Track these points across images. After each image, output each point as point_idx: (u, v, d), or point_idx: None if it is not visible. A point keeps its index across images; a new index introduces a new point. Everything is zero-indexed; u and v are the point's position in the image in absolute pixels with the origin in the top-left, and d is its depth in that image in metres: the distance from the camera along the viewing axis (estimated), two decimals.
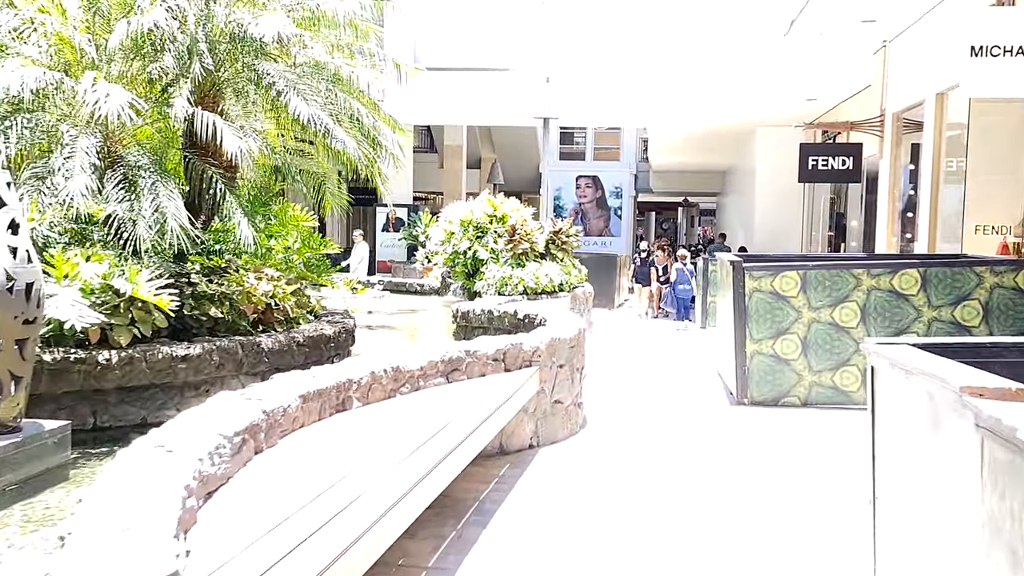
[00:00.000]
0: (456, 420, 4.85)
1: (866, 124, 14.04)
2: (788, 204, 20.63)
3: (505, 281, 12.88)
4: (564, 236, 14.11)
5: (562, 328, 6.94)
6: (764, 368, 8.12)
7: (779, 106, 17.93)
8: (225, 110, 6.64)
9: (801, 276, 8.03)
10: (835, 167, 14.22)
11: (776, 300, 8.06)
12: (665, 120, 21.45)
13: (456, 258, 13.69)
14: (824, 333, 8.04)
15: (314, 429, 4.40)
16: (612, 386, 9.24)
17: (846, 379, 8.05)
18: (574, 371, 6.98)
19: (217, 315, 5.98)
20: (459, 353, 5.76)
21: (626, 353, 12.40)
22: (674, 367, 10.90)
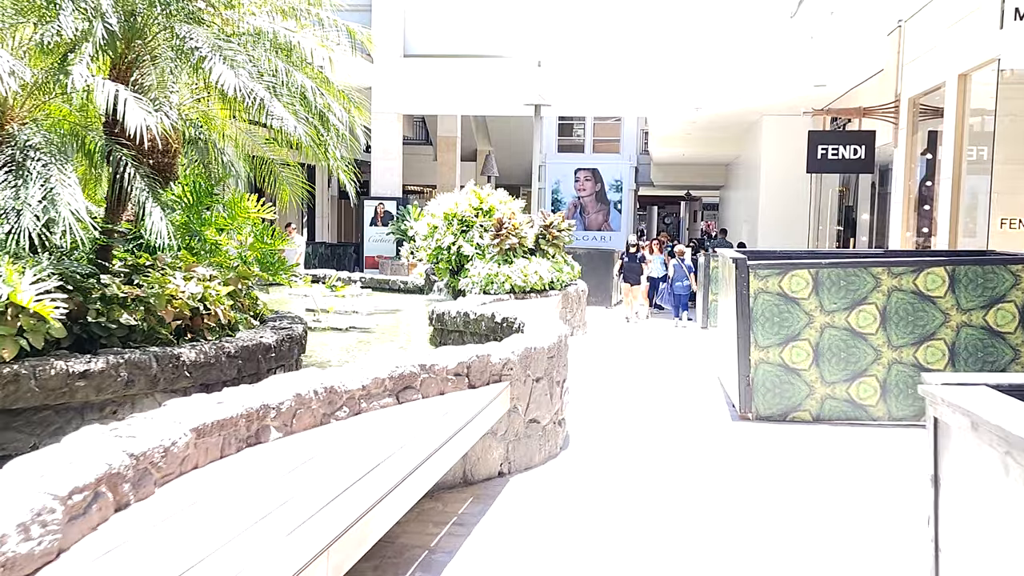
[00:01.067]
0: (402, 450, 3.98)
1: (880, 110, 13.12)
2: (794, 197, 19.70)
3: (491, 279, 12.00)
4: (555, 230, 13.20)
5: (539, 336, 6.04)
6: (771, 379, 7.22)
7: (786, 93, 17.00)
8: (140, 81, 5.73)
9: (813, 275, 7.13)
10: (846, 156, 13.29)
11: (784, 302, 7.15)
12: (665, 109, 20.51)
13: (439, 254, 12.81)
14: (839, 339, 7.13)
15: (211, 471, 3.51)
16: (601, 397, 8.34)
17: (863, 392, 7.15)
18: (553, 385, 6.08)
19: (131, 322, 5.08)
20: (412, 368, 4.87)
21: (619, 357, 11.50)
22: (671, 373, 10.00)
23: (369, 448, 3.95)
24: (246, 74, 5.31)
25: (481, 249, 12.65)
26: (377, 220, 21.49)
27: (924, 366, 7.07)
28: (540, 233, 13.24)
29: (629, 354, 11.85)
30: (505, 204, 13.19)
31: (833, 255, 9.11)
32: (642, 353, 12.06)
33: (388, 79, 20.88)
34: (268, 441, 3.94)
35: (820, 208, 19.60)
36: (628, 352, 12.07)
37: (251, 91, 5.28)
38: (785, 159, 19.63)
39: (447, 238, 12.81)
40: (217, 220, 7.50)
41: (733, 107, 19.17)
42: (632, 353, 12.00)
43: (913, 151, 12.56)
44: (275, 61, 5.91)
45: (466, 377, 5.23)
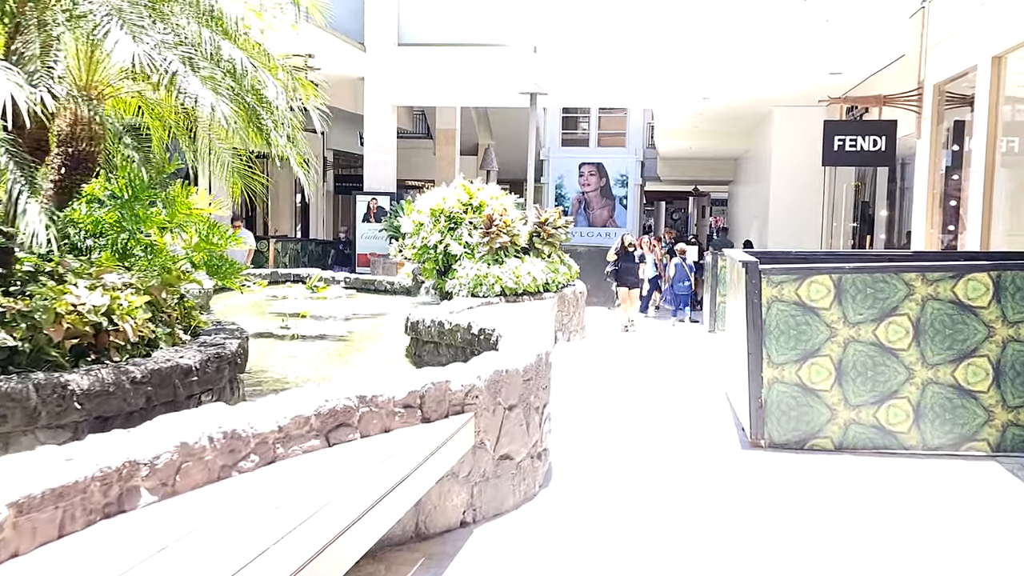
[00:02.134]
0: (326, 509, 3.08)
1: (901, 99, 12.13)
2: (806, 192, 18.69)
3: (480, 280, 11.09)
4: (551, 228, 12.26)
5: (513, 355, 5.11)
6: (787, 401, 6.27)
7: (798, 82, 15.99)
8: (22, 51, 4.79)
9: (835, 282, 6.18)
10: (864, 148, 12.30)
11: (802, 313, 6.21)
12: (670, 99, 19.51)
13: (425, 253, 11.88)
14: (865, 356, 6.19)
15: (37, 560, 2.60)
16: (592, 418, 7.42)
17: (893, 416, 6.20)
18: (531, 412, 5.16)
19: (7, 343, 4.17)
20: (346, 402, 3.95)
21: (617, 367, 10.57)
22: (674, 387, 9.07)
23: (281, 510, 3.04)
24: (155, 43, 4.39)
25: (470, 248, 11.73)
26: (370, 216, 20.58)
27: (964, 387, 6.12)
28: (534, 231, 12.31)
29: (628, 363, 10.92)
30: (496, 199, 12.25)
31: (855, 257, 8.18)
32: (642, 362, 11.15)
33: (381, 69, 19.98)
34: (137, 508, 3.02)
35: (834, 204, 18.61)
36: (627, 361, 11.15)
37: (159, 62, 4.36)
38: (797, 152, 18.63)
39: (433, 236, 11.89)
40: (155, 217, 6.58)
41: (742, 97, 18.17)
42: (632, 361, 11.08)
43: (938, 142, 11.58)
44: (201, 31, 4.99)
45: (419, 409, 4.30)
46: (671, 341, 13.30)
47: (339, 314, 11.07)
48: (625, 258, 14.36)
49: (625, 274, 14.38)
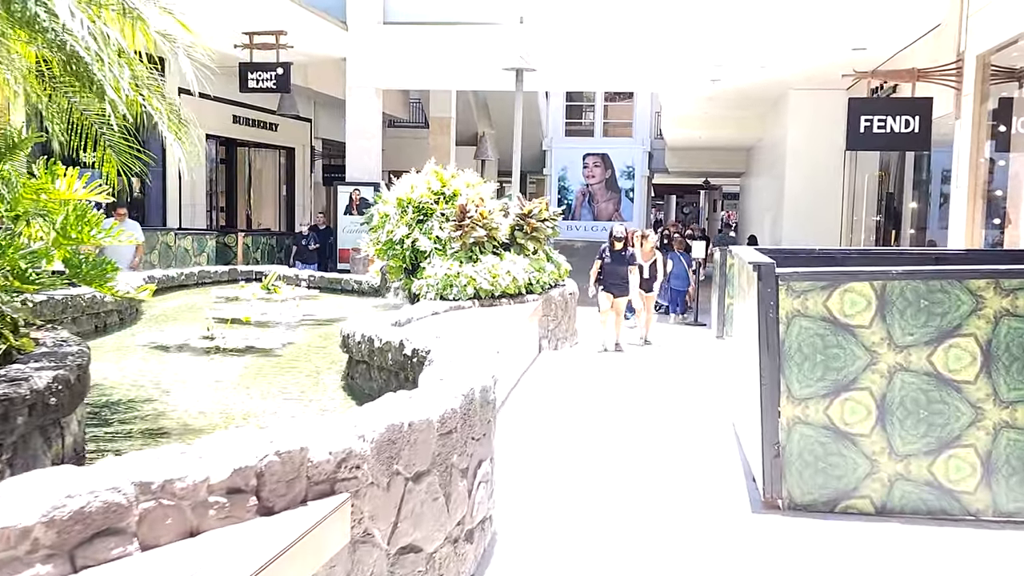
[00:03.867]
0: None
1: (937, 73, 10.55)
2: (825, 184, 17.10)
3: (449, 280, 9.58)
4: (535, 221, 10.73)
5: (426, 397, 3.59)
6: (812, 448, 4.75)
7: (816, 60, 14.40)
8: None
9: (878, 291, 4.65)
10: (895, 130, 10.72)
11: (833, 332, 4.68)
12: (676, 82, 17.95)
13: (390, 249, 10.38)
14: (917, 390, 4.66)
15: None
16: (562, 462, 5.91)
17: (955, 470, 4.67)
18: (453, 478, 3.65)
19: None
20: (112, 495, 2.44)
21: (604, 384, 9.07)
22: (670, 411, 7.56)
23: None
24: None
25: (441, 243, 10.23)
26: (352, 208, 19.07)
27: None
28: (516, 224, 10.79)
29: (618, 378, 9.41)
30: (472, 187, 10.74)
31: (892, 256, 6.63)
32: (636, 376, 9.63)
33: (365, 49, 18.48)
34: None
35: (855, 196, 17.02)
36: (618, 375, 9.63)
37: None
38: (815, 139, 17.08)
39: (399, 229, 10.39)
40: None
41: (755, 78, 16.57)
42: (623, 376, 9.56)
43: (981, 122, 10.00)
44: None
45: (253, 495, 2.79)
46: (671, 349, 11.77)
47: (289, 319, 9.59)
48: (613, 258, 11.36)
49: (611, 277, 11.33)
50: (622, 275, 11.28)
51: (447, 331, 7.66)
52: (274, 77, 16.34)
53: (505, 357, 7.80)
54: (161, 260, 14.09)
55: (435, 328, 7.80)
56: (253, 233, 18.44)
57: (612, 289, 11.26)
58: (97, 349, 7.50)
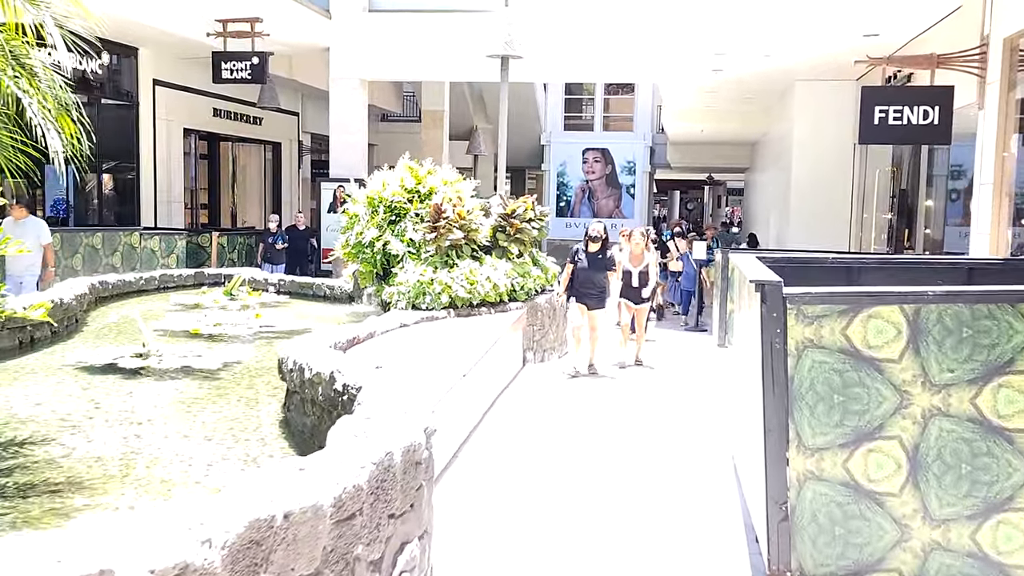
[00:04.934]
0: None
1: (959, 59, 9.63)
2: (833, 180, 16.19)
3: (422, 288, 8.69)
4: (519, 221, 9.82)
5: (314, 477, 2.69)
6: (828, 509, 3.85)
7: (824, 48, 13.46)
8: None
9: (910, 317, 3.75)
10: (912, 121, 9.80)
11: (855, 367, 3.78)
12: (675, 71, 17.01)
13: (360, 252, 9.48)
14: (959, 439, 3.76)
15: None
16: (528, 514, 5.03)
17: (1005, 539, 3.77)
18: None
19: None
20: None
21: (588, 404, 8.18)
22: (660, 438, 6.67)
23: None
24: None
25: (415, 246, 9.34)
26: (336, 205, 18.15)
27: None
28: (498, 225, 9.88)
29: (605, 396, 8.52)
30: (450, 185, 9.84)
31: (920, 265, 5.71)
32: (625, 392, 8.74)
33: (349, 38, 17.58)
34: None
35: (865, 192, 16.09)
36: (605, 392, 8.75)
37: None
38: (823, 133, 16.16)
39: (369, 231, 9.51)
40: None
41: (759, 68, 15.62)
42: (611, 393, 8.67)
43: (1009, 112, 9.08)
44: None
45: None
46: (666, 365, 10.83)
47: (245, 331, 8.70)
48: (589, 261, 9.52)
49: (585, 285, 9.50)
50: (599, 283, 9.52)
51: (407, 350, 6.79)
52: (249, 67, 15.44)
53: (476, 379, 6.92)
54: (125, 263, 13.22)
55: (397, 345, 6.94)
56: (230, 232, 17.50)
57: (586, 300, 9.51)
58: (11, 371, 6.65)
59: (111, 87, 16.97)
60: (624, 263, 10.22)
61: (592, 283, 9.52)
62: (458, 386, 6.01)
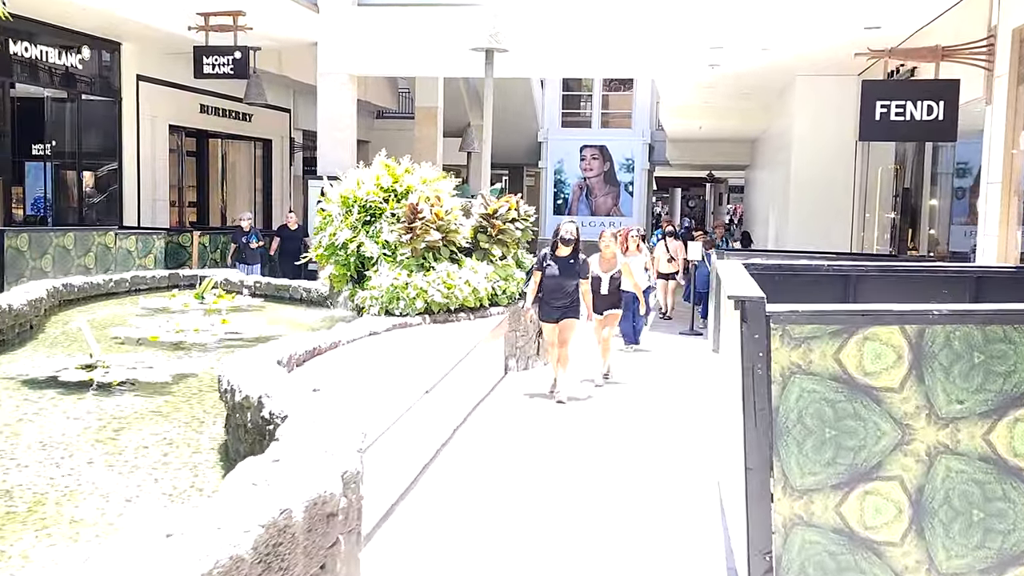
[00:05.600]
0: None
1: (965, 51, 9.12)
2: (834, 178, 15.66)
3: (396, 292, 8.19)
4: (501, 222, 9.33)
5: (177, 550, 2.20)
6: (819, 559, 3.36)
7: (824, 41, 12.96)
8: None
9: (911, 338, 3.25)
10: (916, 117, 9.28)
11: (849, 396, 3.29)
12: (669, 67, 16.49)
13: (333, 254, 9.00)
14: (969, 481, 3.27)
15: None
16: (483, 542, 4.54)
17: None
18: None
19: None
20: None
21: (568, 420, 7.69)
22: (642, 460, 6.19)
23: None
24: None
25: (391, 248, 8.85)
26: None
27: None
28: (479, 225, 9.39)
29: (587, 409, 8.02)
30: (431, 183, 9.35)
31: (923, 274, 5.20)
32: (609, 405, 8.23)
33: (337, 33, 17.07)
34: None
35: (867, 191, 15.58)
36: (586, 405, 8.25)
37: None
38: (823, 130, 15.63)
39: (343, 232, 9.02)
40: None
41: (757, 63, 15.11)
42: (593, 406, 8.17)
43: (1018, 107, 8.56)
44: None
45: None
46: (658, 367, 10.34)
47: (208, 339, 8.22)
48: (559, 267, 8.20)
49: (554, 295, 8.23)
50: (569, 292, 8.24)
51: (371, 362, 6.30)
52: (231, 62, 14.94)
53: (446, 393, 6.43)
54: (99, 264, 12.73)
55: (361, 356, 6.46)
56: (212, 231, 17.01)
57: (553, 312, 8.25)
58: None
59: (93, 82, 16.49)
60: (593, 267, 9.07)
61: (562, 292, 8.24)
62: (420, 404, 5.52)
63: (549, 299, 8.32)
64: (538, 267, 8.37)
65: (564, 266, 8.28)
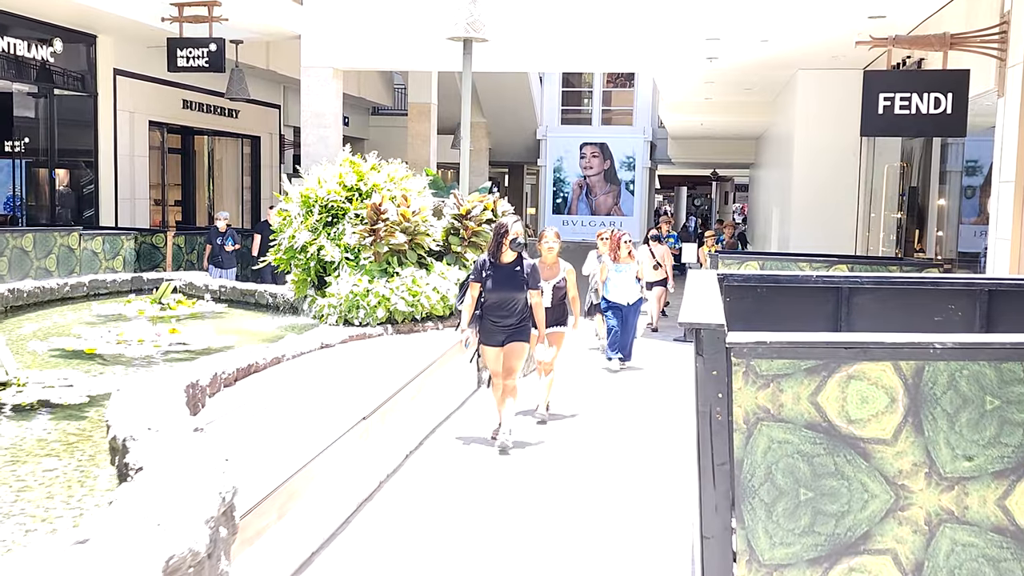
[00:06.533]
0: None
1: (976, 38, 8.42)
2: (837, 176, 14.99)
3: (356, 300, 7.54)
4: (474, 224, 8.67)
5: None
6: None
7: (827, 32, 12.27)
8: None
9: (907, 377, 2.58)
10: (922, 110, 8.60)
11: (830, 449, 2.63)
12: (664, 60, 15.82)
13: (292, 258, 8.36)
14: (979, 557, 2.60)
15: None
16: None
17: None
18: None
19: None
20: None
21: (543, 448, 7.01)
22: (601, 521, 5.50)
23: None
24: None
25: (354, 252, 8.21)
26: None
27: None
28: (451, 227, 8.74)
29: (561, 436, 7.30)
30: (398, 183, 8.70)
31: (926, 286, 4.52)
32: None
33: (322, 25, 16.42)
34: None
35: (872, 190, 14.89)
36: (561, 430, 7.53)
37: None
38: (826, 126, 14.96)
39: (302, 234, 8.38)
40: None
41: (757, 56, 14.43)
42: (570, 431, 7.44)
43: None
44: None
45: None
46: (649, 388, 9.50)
47: (151, 349, 7.59)
48: (497, 278, 6.54)
49: (495, 312, 6.57)
50: (517, 308, 6.55)
51: (314, 381, 5.66)
52: (206, 54, 14.31)
53: (395, 416, 5.77)
54: (61, 267, 12.12)
55: (305, 373, 5.81)
56: (188, 232, 16.38)
57: (497, 335, 6.57)
58: None
59: (67, 77, 15.89)
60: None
61: (507, 309, 6.53)
62: (354, 432, 4.86)
63: (491, 317, 6.56)
64: (475, 277, 6.60)
65: (509, 275, 6.54)
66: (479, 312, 6.58)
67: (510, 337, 6.58)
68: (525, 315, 6.63)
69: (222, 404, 4.98)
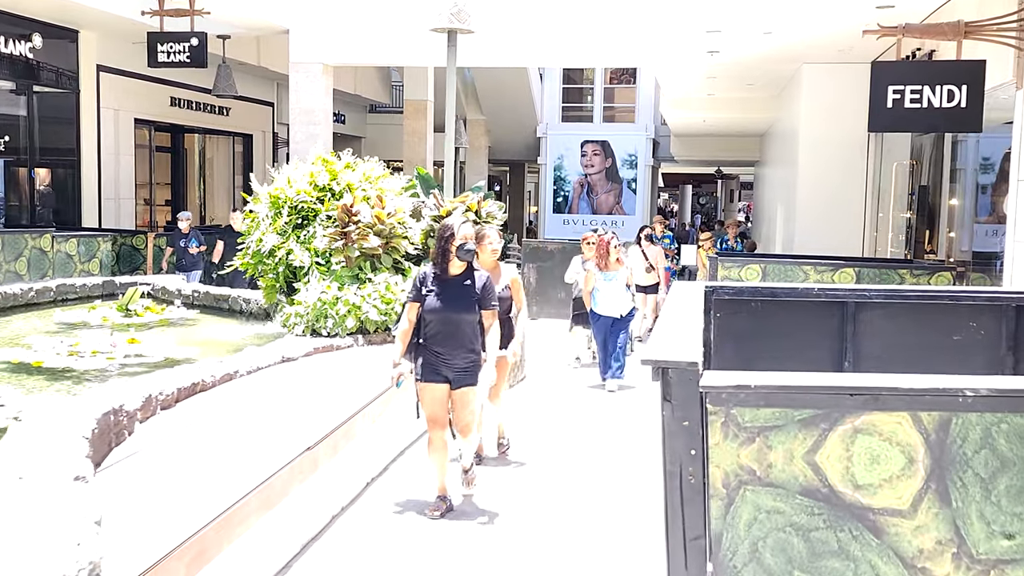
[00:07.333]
0: None
1: (992, 27, 7.84)
2: (844, 174, 14.40)
3: (324, 309, 6.99)
4: None
5: None
6: None
7: (833, 23, 11.68)
8: None
9: (928, 431, 2.03)
10: (934, 104, 8.02)
11: (831, 522, 2.07)
12: (663, 54, 15.26)
13: (260, 263, 7.82)
14: None
15: None
16: None
17: None
18: None
19: None
20: None
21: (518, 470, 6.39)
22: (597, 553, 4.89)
23: None
24: None
25: (325, 256, 7.67)
26: None
27: None
28: (430, 229, 8.20)
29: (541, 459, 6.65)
30: (374, 183, 8.16)
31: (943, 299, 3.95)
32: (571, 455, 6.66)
33: (310, 19, 15.94)
34: None
35: (880, 189, 14.32)
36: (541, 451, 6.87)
37: None
38: (832, 122, 14.37)
39: (270, 237, 7.83)
40: None
41: (760, 49, 13.85)
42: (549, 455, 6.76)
43: None
44: None
45: None
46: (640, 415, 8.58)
47: (104, 361, 7.07)
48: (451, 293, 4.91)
49: (441, 341, 4.91)
50: (466, 336, 4.95)
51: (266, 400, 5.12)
52: (188, 49, 13.78)
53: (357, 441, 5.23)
54: (32, 270, 11.61)
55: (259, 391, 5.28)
56: (170, 233, 15.84)
57: (440, 370, 4.89)
58: None
59: (47, 73, 15.38)
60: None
61: (455, 338, 4.91)
62: (294, 467, 4.32)
63: (435, 348, 4.90)
64: (413, 296, 4.93)
65: (457, 292, 4.92)
66: (419, 340, 4.92)
67: (460, 379, 4.93)
68: (476, 348, 4.99)
69: (152, 432, 4.45)
